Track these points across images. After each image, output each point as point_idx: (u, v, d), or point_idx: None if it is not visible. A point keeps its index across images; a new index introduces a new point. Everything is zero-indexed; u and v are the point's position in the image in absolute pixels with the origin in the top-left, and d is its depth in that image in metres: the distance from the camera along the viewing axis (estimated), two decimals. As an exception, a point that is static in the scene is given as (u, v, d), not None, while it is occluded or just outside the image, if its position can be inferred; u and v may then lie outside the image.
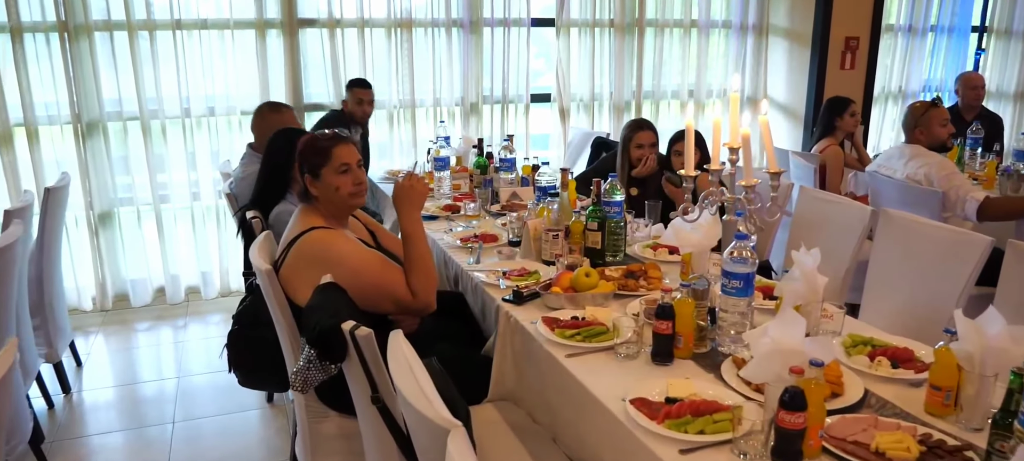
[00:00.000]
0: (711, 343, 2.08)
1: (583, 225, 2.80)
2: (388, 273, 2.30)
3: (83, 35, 4.35)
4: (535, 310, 2.37)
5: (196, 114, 4.68)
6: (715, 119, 2.17)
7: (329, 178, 2.33)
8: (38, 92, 4.37)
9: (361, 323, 1.89)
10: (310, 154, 2.35)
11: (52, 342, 3.53)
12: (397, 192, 2.40)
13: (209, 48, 4.63)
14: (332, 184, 2.33)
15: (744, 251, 1.99)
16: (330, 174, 2.33)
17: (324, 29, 4.85)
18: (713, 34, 5.73)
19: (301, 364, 1.85)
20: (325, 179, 2.33)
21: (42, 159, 4.45)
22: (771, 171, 2.10)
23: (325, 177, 2.34)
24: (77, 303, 4.70)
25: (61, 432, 3.35)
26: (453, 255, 2.99)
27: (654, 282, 2.55)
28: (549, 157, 5.50)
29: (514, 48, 5.24)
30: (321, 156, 2.33)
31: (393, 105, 5.09)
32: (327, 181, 2.33)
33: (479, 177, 3.91)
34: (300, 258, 2.25)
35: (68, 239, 4.59)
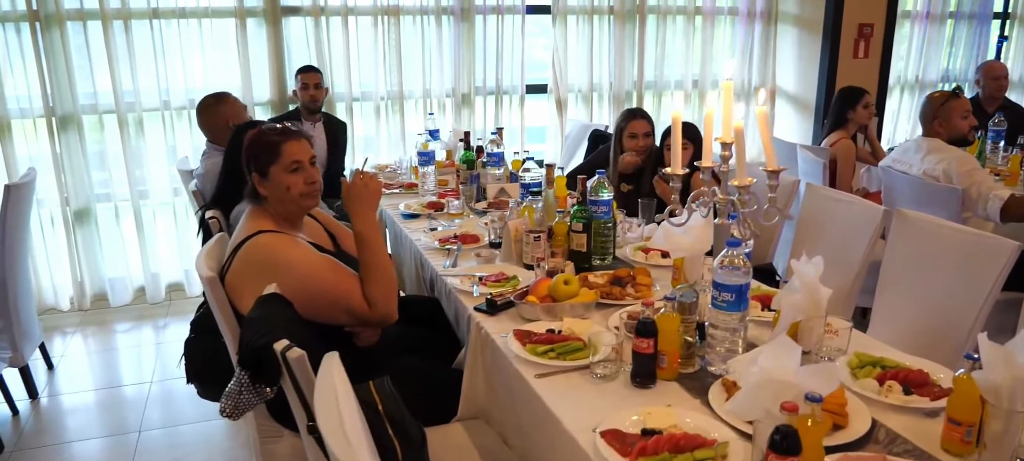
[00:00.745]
0: (700, 361, 1.86)
1: (567, 226, 2.58)
2: (341, 281, 2.08)
3: (55, 25, 4.16)
4: (508, 321, 2.16)
5: (176, 106, 4.49)
6: (708, 110, 1.94)
7: (279, 177, 2.12)
8: (9, 84, 4.19)
9: (306, 339, 1.69)
10: (258, 150, 2.14)
11: (17, 346, 3.35)
12: (348, 191, 2.18)
13: (188, 38, 4.44)
14: (282, 183, 2.12)
15: (737, 259, 1.77)
16: (280, 173, 2.12)
17: (308, 17, 4.63)
18: (719, 21, 5.48)
19: (232, 387, 1.64)
20: (274, 178, 2.12)
21: (15, 154, 4.27)
22: (769, 168, 1.86)
23: (274, 176, 2.12)
24: (54, 303, 4.53)
25: (23, 441, 3.17)
26: (429, 257, 2.78)
27: (643, 290, 2.33)
28: (545, 150, 5.29)
29: (508, 36, 5.01)
30: (269, 153, 2.12)
31: (380, 97, 4.87)
32: (276, 180, 2.12)
33: (466, 172, 3.69)
34: (246, 265, 2.04)
35: (43, 237, 4.43)
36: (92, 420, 3.37)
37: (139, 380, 3.70)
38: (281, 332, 1.60)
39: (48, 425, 3.33)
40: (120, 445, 3.13)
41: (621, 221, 2.97)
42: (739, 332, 1.80)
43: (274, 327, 1.64)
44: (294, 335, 1.64)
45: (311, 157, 2.18)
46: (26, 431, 3.26)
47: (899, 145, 3.89)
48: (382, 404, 1.71)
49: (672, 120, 1.93)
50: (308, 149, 2.17)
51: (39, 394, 3.55)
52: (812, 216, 3.08)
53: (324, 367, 1.43)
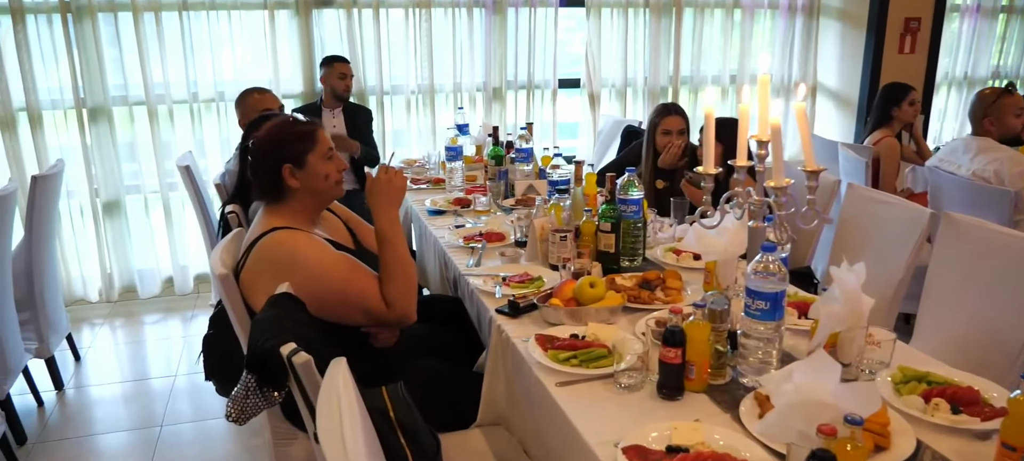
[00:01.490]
0: (731, 372, 1.76)
1: (595, 226, 2.48)
2: (357, 279, 2.01)
3: (86, 16, 4.17)
4: (531, 324, 2.07)
5: (204, 99, 4.48)
6: (742, 106, 1.83)
7: (317, 165, 2.06)
8: (40, 76, 4.20)
9: (316, 342, 1.62)
10: (293, 140, 2.07)
11: (43, 337, 3.36)
12: (371, 186, 2.11)
13: (218, 30, 4.41)
14: (321, 171, 2.06)
15: (772, 265, 1.66)
16: (317, 160, 2.06)
17: (340, 10, 4.58)
18: (758, 15, 5.31)
19: (238, 390, 1.58)
20: (312, 166, 2.06)
21: (45, 145, 4.29)
22: (808, 168, 1.74)
23: (312, 164, 2.05)
24: (83, 294, 4.56)
25: (47, 432, 3.17)
26: (453, 256, 2.70)
27: (672, 293, 2.23)
28: (577, 146, 5.19)
29: (540, 30, 4.90)
30: (306, 141, 2.06)
31: (411, 90, 4.81)
32: (314, 168, 2.06)
33: (494, 168, 3.61)
34: (260, 262, 1.98)
35: (73, 229, 4.45)
36: (116, 413, 3.36)
37: (165, 373, 3.69)
38: (289, 335, 1.53)
39: (72, 417, 3.33)
40: (142, 439, 3.11)
41: (652, 220, 2.87)
42: (774, 342, 1.69)
43: (282, 329, 1.57)
44: (304, 338, 1.57)
45: None
46: (50, 423, 3.26)
47: (947, 144, 3.72)
48: (394, 411, 1.64)
49: (705, 117, 1.82)
50: None
51: (65, 385, 3.56)
52: (853, 218, 2.94)
53: (330, 372, 1.35)
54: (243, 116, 3.44)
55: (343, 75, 4.33)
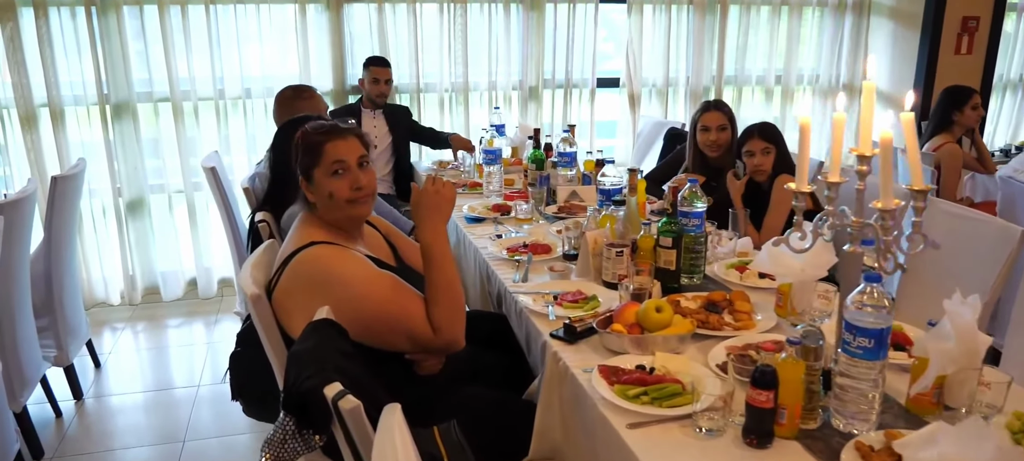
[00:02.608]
0: (822, 415, 1.55)
1: (654, 240, 2.28)
2: (401, 301, 1.82)
3: (111, 9, 4.03)
4: (590, 351, 1.88)
5: (231, 96, 4.32)
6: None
7: (321, 181, 1.88)
8: (63, 70, 4.07)
9: (361, 378, 1.44)
10: (302, 151, 1.90)
11: (62, 344, 3.22)
12: (417, 199, 1.92)
13: (245, 24, 4.25)
14: (324, 190, 1.87)
15: (878, 298, 1.45)
16: (321, 176, 1.88)
17: (371, 4, 4.41)
18: (806, 13, 5.07)
19: (276, 433, 1.40)
20: (318, 183, 1.88)
21: (67, 142, 4.16)
22: (915, 187, 1.53)
23: (317, 181, 1.89)
24: (104, 297, 4.42)
25: (65, 446, 3.03)
26: (496, 270, 2.51)
27: (742, 318, 2.03)
28: (615, 146, 4.98)
29: (579, 27, 4.70)
30: (311, 154, 1.87)
31: (445, 89, 4.63)
32: (320, 186, 1.88)
33: (534, 173, 3.41)
34: (295, 280, 1.80)
35: (95, 229, 4.32)
36: (137, 425, 3.21)
37: (188, 383, 3.54)
38: (332, 371, 1.35)
39: (91, 429, 3.18)
40: (164, 455, 2.95)
41: (710, 233, 2.66)
42: (878, 385, 1.49)
43: (324, 364, 1.39)
44: (347, 373, 1.39)
45: (360, 157, 1.91)
46: (69, 435, 3.12)
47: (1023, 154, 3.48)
48: (448, 457, 1.46)
49: (800, 126, 1.61)
50: (357, 148, 1.91)
51: (84, 395, 3.41)
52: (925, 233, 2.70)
53: (384, 423, 1.17)
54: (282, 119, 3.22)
55: (376, 79, 4.15)
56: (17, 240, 2.82)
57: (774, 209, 2.94)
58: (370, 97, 4.20)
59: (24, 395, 2.84)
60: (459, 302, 1.86)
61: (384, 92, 4.19)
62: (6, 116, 4.07)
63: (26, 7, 3.94)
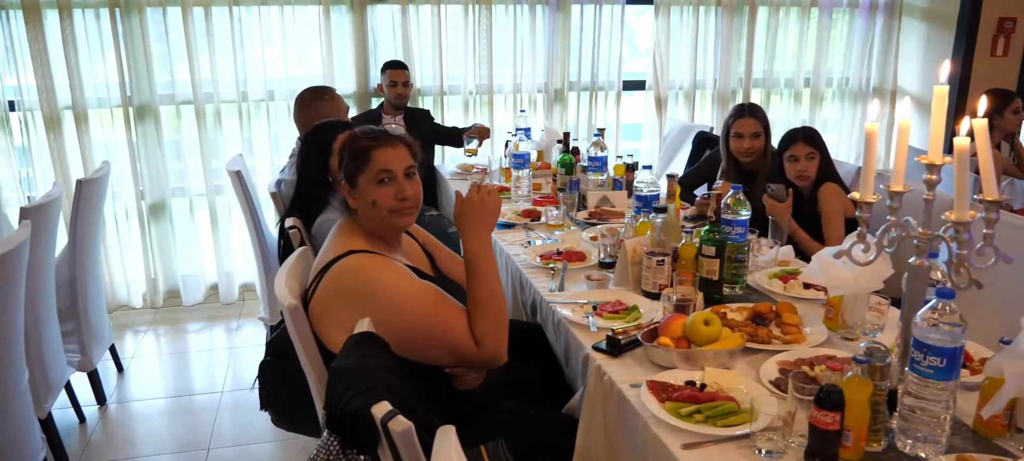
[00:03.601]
0: (886, 436, 1.47)
1: (697, 249, 2.20)
2: (444, 314, 1.75)
3: (134, 10, 3.99)
4: (635, 365, 1.81)
5: (254, 98, 4.28)
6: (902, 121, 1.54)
7: (366, 189, 1.82)
8: (87, 72, 4.04)
9: (408, 396, 1.37)
10: (348, 156, 1.84)
11: (86, 349, 3.18)
12: (462, 208, 1.85)
13: (268, 26, 4.21)
14: (368, 197, 1.81)
15: (950, 315, 1.38)
16: (367, 184, 1.82)
17: (395, 5, 4.35)
18: (836, 15, 4.97)
19: (318, 454, 1.33)
20: (361, 189, 1.82)
21: (91, 144, 4.13)
22: (988, 198, 1.46)
23: (362, 187, 1.83)
24: (126, 300, 4.39)
25: (89, 452, 2.99)
26: (531, 278, 2.45)
27: (791, 331, 1.95)
28: (640, 149, 4.91)
29: (606, 29, 4.63)
30: (359, 159, 1.81)
31: (469, 91, 4.56)
32: (364, 193, 1.82)
33: (563, 178, 3.34)
34: (332, 291, 1.74)
35: (117, 231, 4.29)
36: (160, 431, 3.17)
37: (210, 389, 3.49)
38: (379, 390, 1.29)
39: (115, 435, 3.14)
40: (186, 464, 2.91)
41: (750, 243, 2.58)
42: (949, 407, 1.41)
43: (371, 382, 1.33)
44: (393, 390, 1.33)
45: (407, 167, 1.85)
46: (92, 441, 3.08)
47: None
48: (501, 478, 1.40)
49: (867, 134, 1.53)
50: (405, 158, 1.85)
51: (108, 400, 3.37)
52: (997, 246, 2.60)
53: (439, 447, 1.11)
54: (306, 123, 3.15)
55: (393, 83, 4.11)
56: (43, 245, 2.78)
57: (832, 221, 2.85)
58: (390, 101, 4.17)
59: (49, 401, 2.80)
60: (503, 315, 1.80)
61: (403, 94, 4.15)
62: (30, 118, 4.04)
63: (51, 8, 3.91)
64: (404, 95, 4.16)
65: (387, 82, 4.13)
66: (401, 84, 4.13)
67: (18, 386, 2.42)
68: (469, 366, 1.82)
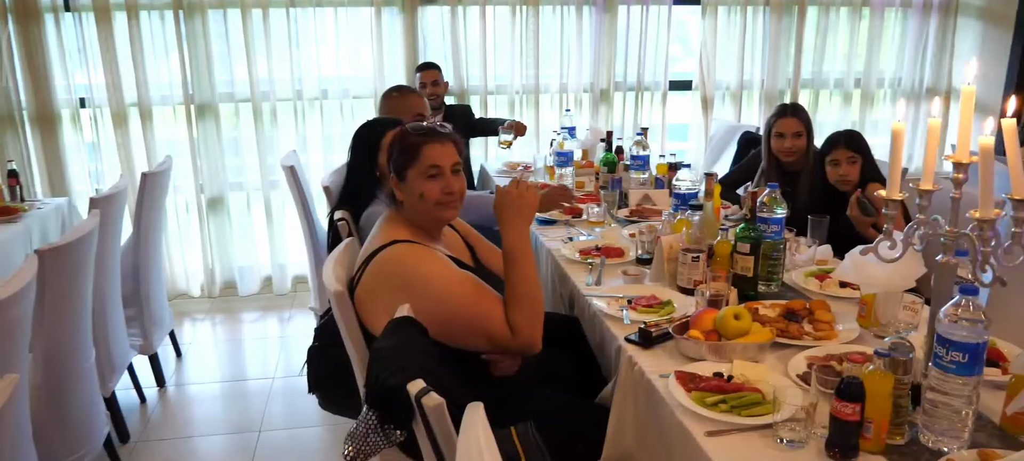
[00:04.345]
0: (910, 430, 1.50)
1: (732, 246, 2.24)
2: (481, 303, 1.84)
3: (197, 13, 4.18)
4: (666, 357, 1.86)
5: (308, 97, 4.43)
6: (932, 120, 1.56)
7: (414, 182, 1.91)
8: (152, 71, 4.24)
9: (442, 376, 1.46)
10: (398, 150, 1.94)
11: (147, 334, 3.36)
12: (500, 200, 1.94)
13: (323, 27, 4.36)
14: (416, 190, 1.90)
15: (973, 312, 1.40)
16: (416, 177, 1.90)
17: (445, 7, 4.46)
18: (888, 14, 4.91)
19: (357, 428, 1.43)
20: (410, 182, 1.91)
21: (155, 140, 4.33)
22: (1017, 196, 1.47)
23: (410, 180, 1.92)
24: (185, 288, 4.59)
25: (149, 431, 3.16)
26: (569, 271, 2.51)
27: (823, 328, 1.97)
28: (686, 150, 4.92)
29: (652, 29, 4.65)
30: (409, 154, 1.90)
31: (515, 90, 4.64)
32: (412, 185, 1.91)
33: (606, 176, 3.39)
34: (376, 278, 1.84)
35: (178, 224, 4.49)
36: (216, 414, 3.33)
37: (263, 375, 3.64)
38: (415, 369, 1.38)
39: (173, 416, 3.31)
40: (241, 444, 3.05)
41: (788, 239, 2.60)
42: (971, 402, 1.43)
43: (407, 362, 1.41)
44: (429, 371, 1.41)
45: (454, 164, 1.95)
46: (152, 420, 3.25)
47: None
48: (526, 457, 1.47)
49: (892, 132, 1.56)
50: (452, 154, 1.94)
51: (167, 383, 3.55)
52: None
53: (467, 420, 1.19)
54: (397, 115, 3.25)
55: (423, 84, 4.17)
56: (110, 233, 2.95)
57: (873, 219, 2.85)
58: None
59: (113, 381, 2.98)
60: (539, 306, 1.87)
61: (434, 94, 4.18)
62: (99, 115, 4.27)
63: (119, 10, 4.12)
64: (436, 94, 4.20)
65: (418, 84, 4.20)
66: (430, 84, 4.17)
67: (86, 363, 2.59)
68: (504, 353, 1.89)
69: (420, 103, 3.22)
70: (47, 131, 4.21)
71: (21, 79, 4.13)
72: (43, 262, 2.19)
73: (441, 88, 4.27)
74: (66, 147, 4.27)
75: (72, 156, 4.31)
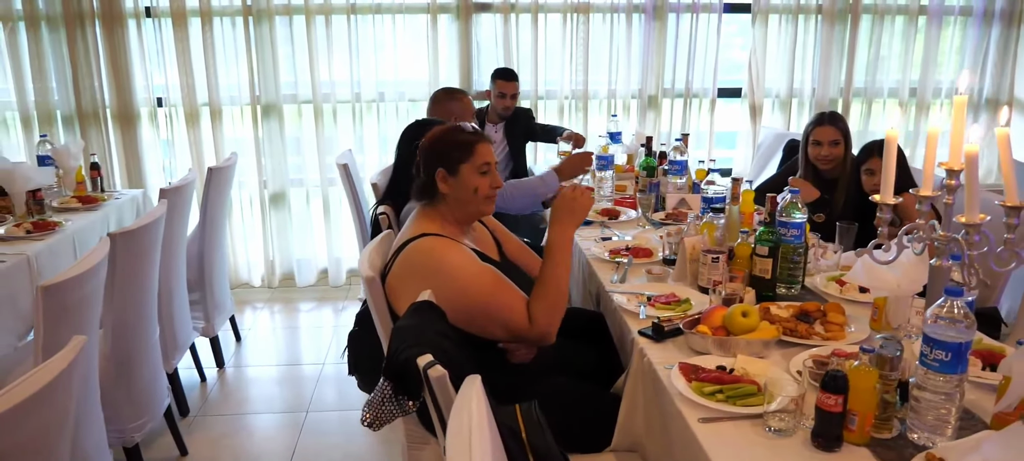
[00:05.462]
0: (899, 426, 1.57)
1: (751, 248, 2.32)
2: (501, 294, 1.99)
3: (265, 19, 4.44)
4: (675, 350, 1.96)
5: (366, 99, 4.65)
6: (931, 129, 1.63)
7: (468, 176, 2.09)
8: (222, 73, 4.52)
9: (454, 354, 1.60)
10: (451, 147, 2.11)
11: (210, 317, 3.61)
12: (558, 202, 2.12)
13: (381, 33, 4.57)
14: (470, 183, 2.08)
15: (956, 311, 1.46)
16: (470, 172, 2.09)
17: (498, 14, 4.61)
18: (947, 22, 4.84)
19: (375, 396, 1.58)
20: (463, 176, 2.08)
21: (223, 138, 4.61)
22: (1008, 203, 1.53)
23: (464, 174, 2.09)
24: (247, 278, 4.87)
25: (207, 407, 3.39)
26: (597, 269, 2.62)
27: (834, 329, 2.04)
28: (734, 157, 4.96)
29: (702, 36, 4.71)
30: (463, 150, 2.09)
31: (564, 95, 4.77)
32: (465, 179, 2.08)
33: (645, 180, 3.48)
34: (406, 267, 2.00)
35: (242, 217, 4.77)
36: (270, 394, 3.55)
37: (315, 360, 3.85)
38: (428, 345, 1.52)
39: (230, 394, 3.54)
40: (290, 422, 3.25)
41: (814, 245, 2.65)
42: (954, 399, 1.49)
43: (422, 339, 1.56)
44: (442, 349, 1.56)
45: (495, 163, 2.16)
46: (211, 398, 3.49)
47: None
48: (526, 432, 1.59)
49: (886, 138, 1.63)
50: (493, 154, 2.16)
51: (226, 364, 3.79)
52: None
53: (463, 390, 1.32)
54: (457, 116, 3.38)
55: (502, 94, 4.26)
56: (177, 222, 3.20)
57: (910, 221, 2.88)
58: (496, 111, 4.33)
59: (176, 359, 3.22)
60: (561, 301, 2.02)
61: (510, 106, 4.30)
62: (173, 114, 4.57)
63: (194, 16, 4.42)
64: (511, 107, 4.31)
65: (496, 92, 4.28)
66: (509, 96, 4.26)
67: (151, 340, 2.83)
68: (520, 341, 2.02)
69: (468, 107, 3.37)
70: (127, 128, 4.54)
71: (106, 79, 4.47)
72: (115, 244, 2.42)
73: (515, 102, 4.34)
74: (143, 143, 4.60)
75: (149, 152, 4.63)
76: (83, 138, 4.45)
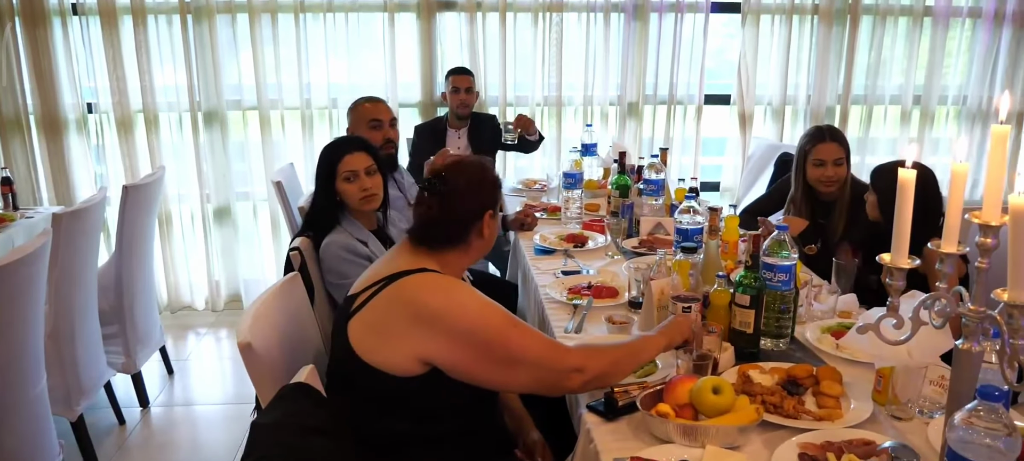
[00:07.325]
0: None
1: (730, 296, 1.92)
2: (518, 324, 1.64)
3: (204, 17, 4.04)
4: (630, 433, 1.57)
5: (317, 106, 4.26)
6: (956, 166, 1.22)
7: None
8: (158, 77, 4.13)
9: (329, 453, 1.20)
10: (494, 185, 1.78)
11: (131, 352, 3.21)
12: (678, 318, 1.81)
13: (334, 33, 4.16)
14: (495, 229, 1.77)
15: (996, 418, 1.07)
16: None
17: (463, 13, 4.21)
18: (954, 25, 4.44)
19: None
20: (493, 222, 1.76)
21: (160, 148, 4.22)
22: None
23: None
24: (189, 301, 4.47)
25: (121, 456, 3.00)
26: (550, 315, 2.23)
27: (828, 404, 1.64)
28: (723, 166, 4.58)
29: (687, 38, 4.31)
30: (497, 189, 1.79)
31: (536, 102, 4.37)
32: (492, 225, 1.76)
33: (618, 200, 3.08)
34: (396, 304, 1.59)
35: (182, 234, 4.38)
36: (203, 438, 3.17)
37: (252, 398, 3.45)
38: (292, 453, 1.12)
39: (152, 439, 3.15)
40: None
41: (807, 284, 2.26)
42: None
43: (281, 440, 1.16)
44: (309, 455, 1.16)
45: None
46: (128, 443, 3.09)
47: None
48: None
49: (900, 183, 1.23)
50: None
51: (151, 403, 3.39)
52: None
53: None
54: (353, 126, 3.05)
55: (456, 89, 3.95)
56: (82, 249, 2.80)
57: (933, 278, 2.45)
58: (454, 111, 4.00)
59: (81, 404, 2.82)
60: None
61: (466, 102, 3.98)
62: (105, 121, 4.18)
63: (126, 14, 4.01)
64: (467, 102, 3.99)
65: (449, 88, 3.97)
66: (464, 90, 3.95)
67: (33, 390, 2.42)
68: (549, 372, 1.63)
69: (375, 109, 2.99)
70: (53, 137, 4.13)
71: (28, 83, 4.06)
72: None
73: (473, 97, 4.05)
74: (72, 153, 4.19)
75: (79, 163, 4.23)
76: (5, 148, 4.04)
